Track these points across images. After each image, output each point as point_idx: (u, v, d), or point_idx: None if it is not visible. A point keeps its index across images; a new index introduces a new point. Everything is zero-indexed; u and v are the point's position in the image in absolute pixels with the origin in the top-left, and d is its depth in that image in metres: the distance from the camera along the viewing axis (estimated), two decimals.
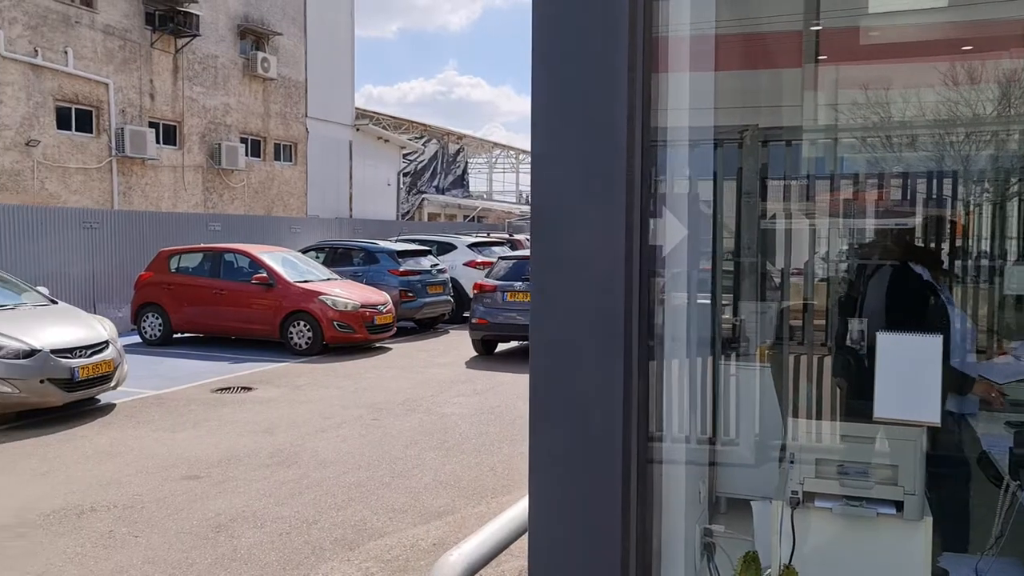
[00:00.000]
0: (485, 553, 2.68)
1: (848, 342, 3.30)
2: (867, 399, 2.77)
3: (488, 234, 22.92)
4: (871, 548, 2.09)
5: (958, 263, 4.41)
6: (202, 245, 15.06)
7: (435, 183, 39.08)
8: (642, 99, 1.49)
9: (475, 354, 12.87)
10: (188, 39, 22.13)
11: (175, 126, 22.46)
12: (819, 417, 2.72)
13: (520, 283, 12.25)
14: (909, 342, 1.85)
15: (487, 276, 13.02)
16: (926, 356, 1.79)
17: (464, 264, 17.15)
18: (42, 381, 8.02)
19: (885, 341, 1.85)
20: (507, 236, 22.39)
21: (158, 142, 21.49)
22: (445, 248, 17.83)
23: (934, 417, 1.76)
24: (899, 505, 2.04)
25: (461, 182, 42.00)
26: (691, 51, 1.92)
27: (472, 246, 17.96)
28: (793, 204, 4.22)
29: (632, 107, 1.46)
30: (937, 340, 1.77)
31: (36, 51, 18.52)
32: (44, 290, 10.10)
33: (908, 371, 1.79)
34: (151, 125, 21.33)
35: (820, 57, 3.69)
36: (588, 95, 1.46)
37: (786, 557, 2.04)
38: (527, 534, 1.59)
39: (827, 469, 2.08)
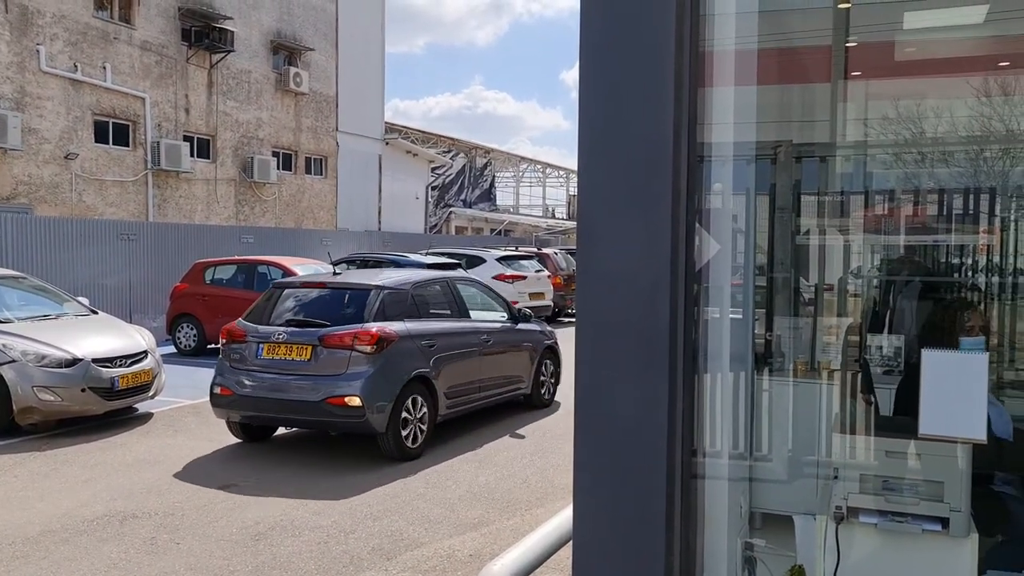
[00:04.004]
0: (527, 564, 2.72)
1: (879, 357, 3.31)
2: (902, 414, 2.78)
3: (516, 248, 22.96)
4: (916, 564, 2.10)
5: (995, 280, 4.38)
6: (236, 257, 15.28)
7: (462, 197, 39.28)
8: (688, 114, 1.52)
9: (235, 440, 7.92)
10: (223, 55, 22.53)
11: (209, 140, 22.83)
12: (866, 433, 2.73)
13: (285, 331, 7.41)
14: (954, 359, 1.86)
15: (244, 316, 8.07)
16: (971, 373, 1.80)
17: (493, 277, 17.21)
18: (83, 390, 8.19)
19: (930, 358, 1.87)
20: (535, 250, 22.43)
21: (192, 155, 21.86)
22: (474, 262, 17.91)
23: (980, 434, 1.77)
24: (945, 522, 2.06)
25: (488, 196, 42.17)
26: (732, 66, 1.95)
27: (501, 259, 18.03)
28: (826, 220, 4.23)
29: (679, 122, 1.50)
30: (983, 357, 1.79)
31: (76, 66, 18.96)
32: (85, 300, 10.32)
33: (953, 388, 1.81)
34: (186, 139, 21.71)
35: (854, 73, 3.71)
36: (635, 110, 1.49)
37: (830, 572, 2.05)
38: (571, 547, 1.63)
39: (871, 485, 2.09)
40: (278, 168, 24.88)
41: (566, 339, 16.63)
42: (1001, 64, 3.70)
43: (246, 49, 23.55)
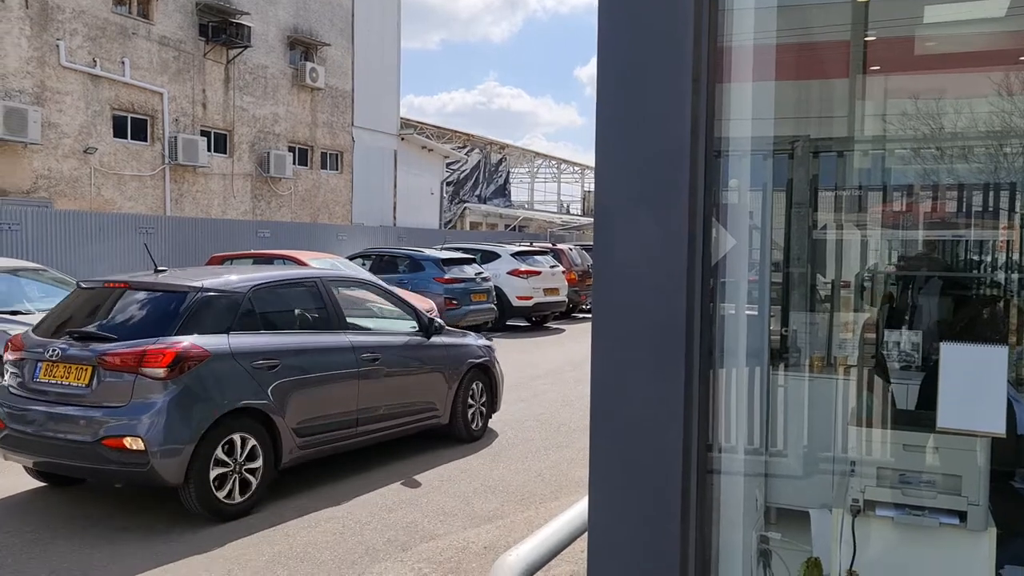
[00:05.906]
0: (542, 556, 2.74)
1: (896, 353, 3.30)
2: (924, 408, 2.77)
3: (531, 243, 22.96)
4: (933, 558, 2.10)
5: (1014, 276, 4.35)
6: (252, 251, 15.38)
7: (477, 192, 39.33)
8: (706, 109, 1.53)
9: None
10: (239, 50, 22.65)
11: (226, 135, 22.97)
12: (883, 427, 2.73)
13: (62, 346, 5.57)
14: (973, 352, 1.86)
15: (36, 325, 6.23)
16: (990, 366, 1.80)
17: (508, 273, 17.26)
18: None
19: (949, 351, 1.86)
20: (550, 245, 22.42)
21: (209, 150, 22.02)
22: (489, 257, 17.94)
23: (999, 427, 1.77)
24: (962, 515, 2.06)
25: (503, 191, 42.20)
26: (750, 61, 1.94)
27: (516, 255, 18.05)
28: (843, 215, 4.21)
29: (696, 117, 1.50)
30: (1002, 351, 1.79)
31: (95, 61, 19.12)
32: None
33: (972, 381, 1.81)
34: (203, 134, 21.86)
35: (872, 67, 3.69)
36: (653, 105, 1.49)
37: (846, 565, 2.06)
38: (586, 539, 1.64)
39: (889, 478, 2.09)
40: (294, 163, 25.01)
41: (581, 334, 16.58)
42: (1022, 58, 3.68)
43: (263, 44, 23.67)
